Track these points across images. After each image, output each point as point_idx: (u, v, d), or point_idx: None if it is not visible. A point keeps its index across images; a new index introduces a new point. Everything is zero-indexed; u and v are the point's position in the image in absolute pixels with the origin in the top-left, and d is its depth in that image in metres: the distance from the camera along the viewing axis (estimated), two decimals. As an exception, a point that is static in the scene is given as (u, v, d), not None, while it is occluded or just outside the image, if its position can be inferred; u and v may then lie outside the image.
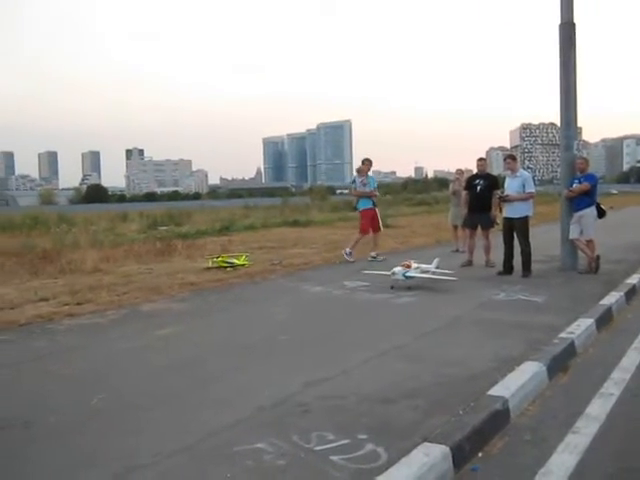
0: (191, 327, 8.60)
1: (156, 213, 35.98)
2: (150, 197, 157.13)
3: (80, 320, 9.08)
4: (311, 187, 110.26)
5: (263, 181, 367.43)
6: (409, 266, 11.06)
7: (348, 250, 15.07)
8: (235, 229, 26.98)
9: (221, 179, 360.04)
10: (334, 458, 4.21)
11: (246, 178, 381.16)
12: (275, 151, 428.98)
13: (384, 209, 31.12)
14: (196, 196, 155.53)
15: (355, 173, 16.17)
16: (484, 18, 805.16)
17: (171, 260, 15.80)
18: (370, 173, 15.91)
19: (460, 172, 17.33)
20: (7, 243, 18.71)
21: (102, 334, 8.27)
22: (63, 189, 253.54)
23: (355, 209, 16.51)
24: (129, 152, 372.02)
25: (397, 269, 10.90)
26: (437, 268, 11.69)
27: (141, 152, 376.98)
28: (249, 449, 4.39)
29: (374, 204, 15.55)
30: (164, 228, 27.78)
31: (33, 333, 8.35)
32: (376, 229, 15.58)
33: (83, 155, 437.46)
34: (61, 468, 4.24)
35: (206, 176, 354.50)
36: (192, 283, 11.96)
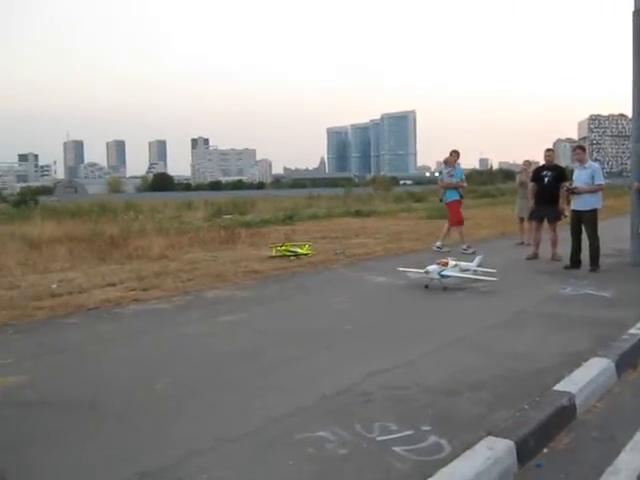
0: (254, 314, 8.67)
1: (220, 202, 36.42)
2: (215, 186, 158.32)
3: (146, 305, 9.24)
4: (374, 177, 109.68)
5: (326, 171, 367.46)
6: (446, 264, 10.21)
7: (465, 246, 14.91)
8: (298, 218, 27.07)
9: (285, 169, 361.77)
10: (397, 449, 4.18)
11: (309, 168, 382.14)
12: (339, 141, 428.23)
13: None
14: (260, 185, 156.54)
15: (442, 164, 16.00)
16: (553, 3, 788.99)
17: (235, 248, 15.95)
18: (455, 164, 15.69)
19: (527, 163, 17.03)
20: (76, 229, 19.13)
21: (167, 319, 8.41)
22: (130, 177, 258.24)
23: (441, 201, 16.32)
24: (194, 141, 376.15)
25: (432, 267, 10.05)
26: (479, 266, 10.80)
27: (206, 141, 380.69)
28: (311, 437, 4.40)
29: (461, 196, 15.39)
30: (228, 216, 28.13)
31: (101, 317, 8.53)
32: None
33: (150, 144, 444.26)
34: (125, 449, 4.32)
35: (270, 166, 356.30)
36: (256, 271, 12.05)
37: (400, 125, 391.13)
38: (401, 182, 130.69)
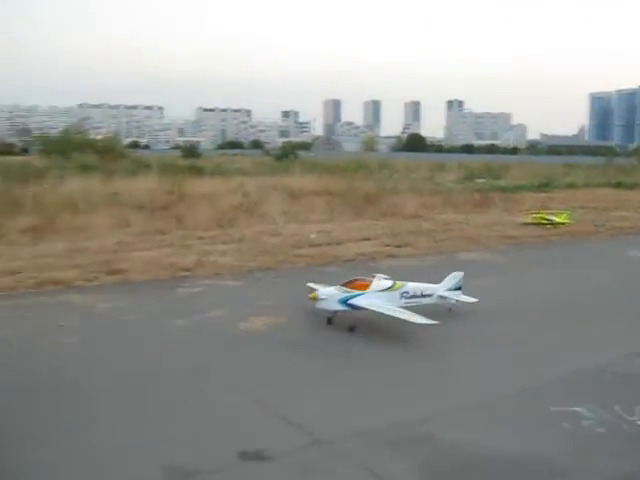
0: (509, 279, 8.56)
1: (473, 165, 35.97)
2: (467, 149, 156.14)
3: (400, 261, 9.44)
4: (638, 148, 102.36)
5: (585, 139, 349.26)
6: (363, 286, 6.30)
7: None
8: (554, 186, 26.00)
9: (541, 135, 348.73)
10: (661, 436, 3.95)
11: (567, 135, 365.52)
12: (601, 107, 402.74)
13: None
14: (514, 150, 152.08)
15: None
16: None
17: (488, 212, 15.75)
18: None
19: None
20: (333, 184, 19.79)
21: (421, 277, 8.48)
22: (384, 137, 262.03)
23: None
24: (449, 103, 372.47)
25: (326, 291, 6.27)
26: (456, 289, 6.99)
27: (461, 104, 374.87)
28: (566, 411, 4.31)
29: None
30: (481, 180, 27.64)
31: (356, 269, 8.84)
32: None
33: (405, 105, 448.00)
34: (377, 398, 4.52)
35: (525, 131, 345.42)
36: (510, 237, 11.89)
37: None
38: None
